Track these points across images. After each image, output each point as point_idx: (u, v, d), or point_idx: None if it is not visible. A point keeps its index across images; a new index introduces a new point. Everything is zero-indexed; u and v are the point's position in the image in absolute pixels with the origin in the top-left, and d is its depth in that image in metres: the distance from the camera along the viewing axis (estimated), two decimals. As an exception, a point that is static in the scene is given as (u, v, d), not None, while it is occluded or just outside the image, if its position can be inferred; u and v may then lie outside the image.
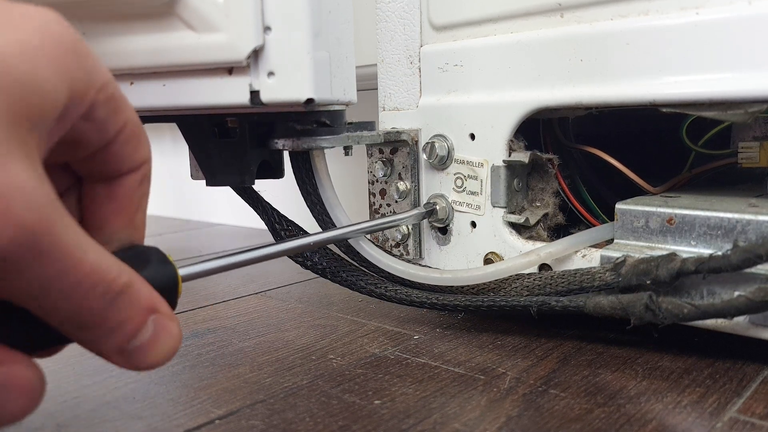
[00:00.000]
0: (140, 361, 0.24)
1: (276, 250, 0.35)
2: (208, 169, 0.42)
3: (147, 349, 0.24)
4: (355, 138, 0.42)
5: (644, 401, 0.33)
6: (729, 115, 0.35)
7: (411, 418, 0.32)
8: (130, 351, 0.24)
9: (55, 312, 0.21)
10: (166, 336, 0.25)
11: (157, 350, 0.24)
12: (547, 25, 0.41)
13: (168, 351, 0.25)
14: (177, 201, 1.15)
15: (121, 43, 0.38)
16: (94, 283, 0.21)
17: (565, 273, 0.40)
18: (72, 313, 0.21)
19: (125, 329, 0.23)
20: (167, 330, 0.25)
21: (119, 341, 0.23)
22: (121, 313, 0.23)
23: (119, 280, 0.22)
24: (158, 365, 0.25)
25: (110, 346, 0.23)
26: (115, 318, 0.22)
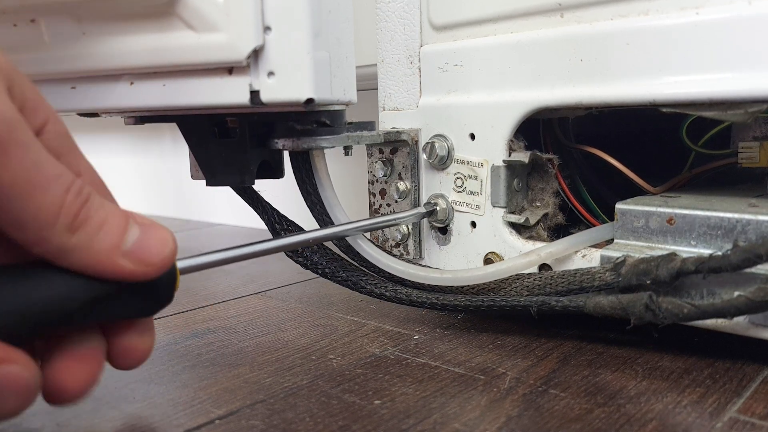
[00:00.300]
0: (148, 254, 0.25)
1: (274, 245, 0.35)
2: (208, 169, 0.42)
3: (145, 242, 0.25)
4: (355, 138, 0.42)
5: (644, 401, 0.33)
6: (729, 115, 0.35)
7: (411, 418, 0.32)
8: (131, 250, 0.24)
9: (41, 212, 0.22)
10: (154, 229, 0.25)
11: (155, 240, 0.25)
12: (547, 25, 0.41)
13: (166, 239, 0.25)
14: (177, 201, 1.15)
15: (121, 42, 0.38)
16: (67, 181, 0.23)
17: (565, 273, 0.40)
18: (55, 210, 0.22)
19: (111, 225, 0.24)
20: (152, 225, 0.25)
21: (111, 239, 0.24)
22: (99, 211, 0.24)
23: (84, 187, 0.24)
24: (167, 254, 0.25)
25: (108, 246, 0.24)
26: (97, 215, 0.23)
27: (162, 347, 0.44)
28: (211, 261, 0.31)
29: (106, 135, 1.23)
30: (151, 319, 0.28)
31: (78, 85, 0.41)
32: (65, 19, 0.39)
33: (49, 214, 0.22)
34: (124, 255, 0.24)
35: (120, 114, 0.43)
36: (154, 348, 0.29)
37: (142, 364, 0.29)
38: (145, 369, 0.40)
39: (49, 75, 0.40)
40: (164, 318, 0.51)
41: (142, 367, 0.40)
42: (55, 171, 0.22)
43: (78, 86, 0.41)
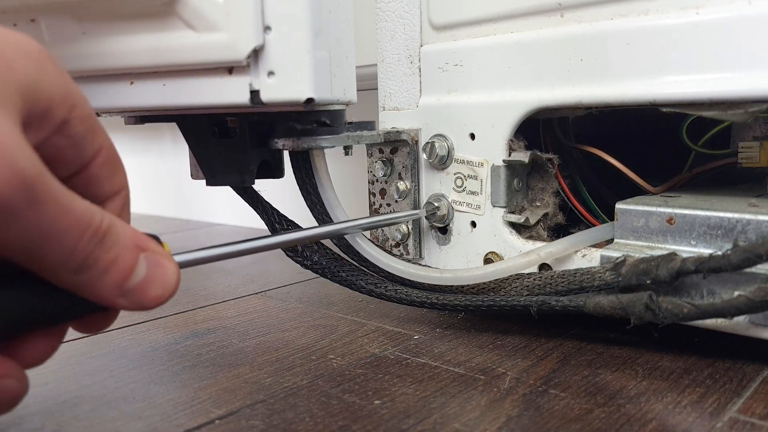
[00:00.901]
0: (144, 298, 0.25)
1: (273, 242, 0.35)
2: (208, 168, 0.42)
3: (147, 285, 0.25)
4: (355, 138, 0.42)
5: (644, 401, 0.33)
6: (729, 115, 0.35)
7: (411, 418, 0.32)
8: (130, 290, 0.25)
9: (48, 259, 0.22)
10: (162, 271, 0.26)
11: (157, 284, 0.25)
12: (547, 24, 0.41)
13: (169, 284, 0.26)
14: (177, 201, 1.15)
15: (121, 42, 0.38)
16: (83, 226, 0.23)
17: (565, 273, 0.40)
18: (66, 257, 0.22)
19: (118, 267, 0.24)
20: (161, 265, 0.26)
21: (116, 280, 0.24)
22: (110, 252, 0.24)
23: (103, 222, 0.24)
24: (163, 300, 0.25)
25: (110, 287, 0.24)
26: (106, 257, 0.24)
27: (162, 347, 0.44)
28: (209, 256, 0.31)
29: (106, 135, 1.23)
30: None
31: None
32: (65, 18, 0.39)
33: (60, 259, 0.22)
34: (123, 294, 0.24)
35: (120, 114, 0.43)
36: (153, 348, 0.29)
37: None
38: (145, 369, 0.40)
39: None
40: (164, 318, 0.51)
41: (142, 367, 0.40)
42: (74, 218, 0.22)
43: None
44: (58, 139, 0.24)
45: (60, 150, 0.24)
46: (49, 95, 0.23)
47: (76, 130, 0.24)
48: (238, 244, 0.33)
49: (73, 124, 0.24)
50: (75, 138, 0.24)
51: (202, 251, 0.31)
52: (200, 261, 0.30)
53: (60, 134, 0.24)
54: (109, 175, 0.27)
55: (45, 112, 0.23)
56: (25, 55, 0.22)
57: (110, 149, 0.26)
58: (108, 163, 0.26)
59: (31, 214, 0.21)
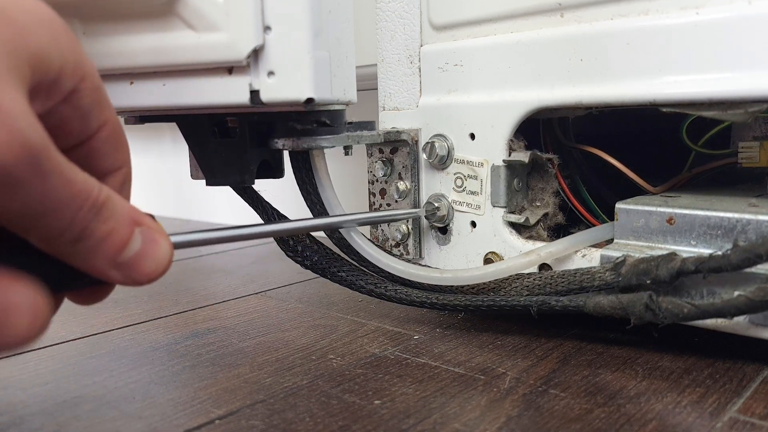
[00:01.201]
0: (137, 272, 0.25)
1: (268, 229, 0.36)
2: (208, 168, 0.42)
3: (140, 259, 0.25)
4: (355, 138, 0.42)
5: (644, 401, 0.33)
6: (729, 115, 0.35)
7: (411, 418, 0.32)
8: (125, 263, 0.25)
9: (47, 229, 0.22)
10: (156, 247, 0.26)
11: (150, 260, 0.25)
12: (547, 24, 0.41)
13: (161, 260, 0.26)
14: (177, 201, 1.15)
15: (121, 42, 0.38)
16: (83, 197, 0.23)
17: (565, 273, 0.40)
18: (64, 228, 0.22)
19: (114, 239, 0.24)
20: (156, 241, 0.26)
21: (111, 252, 0.24)
22: (106, 223, 0.24)
23: (101, 194, 0.24)
24: (155, 275, 0.26)
25: (104, 259, 0.24)
26: (102, 228, 0.24)
27: (162, 347, 0.44)
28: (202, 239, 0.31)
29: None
30: None
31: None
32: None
33: (57, 231, 0.22)
34: (117, 267, 0.25)
35: (120, 114, 0.43)
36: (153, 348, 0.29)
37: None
38: (145, 369, 0.40)
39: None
40: (164, 318, 0.51)
41: (142, 367, 0.40)
42: (74, 189, 0.22)
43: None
44: (65, 108, 0.24)
45: (65, 120, 0.24)
46: (60, 64, 0.23)
47: (84, 101, 0.24)
48: (232, 230, 0.33)
49: (82, 95, 0.24)
50: (82, 109, 0.24)
51: (195, 233, 0.31)
52: (193, 243, 0.31)
53: (67, 104, 0.24)
54: (112, 150, 0.26)
55: (54, 82, 0.23)
56: (38, 22, 0.22)
57: (115, 124, 0.26)
58: (112, 138, 0.26)
59: (35, 184, 0.21)
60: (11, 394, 0.37)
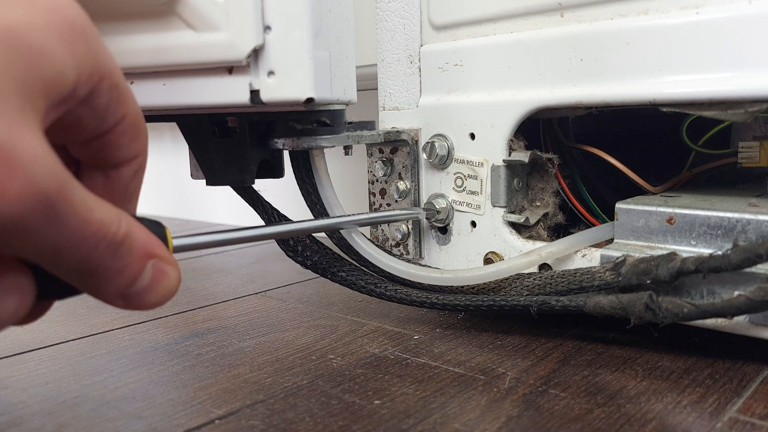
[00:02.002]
0: (140, 303, 0.25)
1: (269, 231, 0.36)
2: (208, 168, 0.42)
3: (146, 292, 0.25)
4: (355, 137, 0.42)
5: (644, 401, 0.33)
6: (729, 115, 0.35)
7: (411, 418, 0.32)
8: (130, 295, 0.24)
9: (61, 266, 0.22)
10: (164, 280, 0.25)
11: (155, 293, 0.25)
12: (548, 24, 0.41)
13: (165, 293, 0.26)
14: (177, 201, 1.15)
15: (121, 42, 0.38)
16: (100, 237, 0.22)
17: (565, 273, 0.40)
18: (78, 265, 0.22)
19: (126, 275, 0.24)
20: (165, 274, 0.26)
21: (120, 287, 0.24)
22: (122, 261, 0.23)
23: (120, 231, 0.23)
24: (158, 305, 0.26)
25: (112, 292, 0.24)
26: (117, 265, 0.23)
27: (162, 347, 0.44)
28: (205, 242, 0.31)
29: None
30: None
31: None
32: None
33: (68, 267, 0.22)
34: (122, 298, 0.24)
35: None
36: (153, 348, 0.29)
37: None
38: (145, 369, 0.40)
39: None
40: (164, 318, 0.51)
41: (142, 367, 0.40)
42: (91, 230, 0.22)
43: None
44: (82, 109, 0.23)
45: (81, 118, 0.24)
46: (76, 76, 0.22)
47: (102, 100, 0.24)
48: (232, 232, 0.33)
49: (99, 95, 0.23)
50: (98, 109, 0.24)
51: (197, 236, 0.31)
52: (195, 246, 0.31)
53: (84, 105, 0.23)
54: (128, 142, 0.26)
55: (70, 94, 0.22)
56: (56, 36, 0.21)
57: (135, 116, 0.26)
58: (130, 130, 0.26)
59: (48, 231, 0.20)
60: (11, 394, 0.37)
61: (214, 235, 0.32)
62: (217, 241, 0.32)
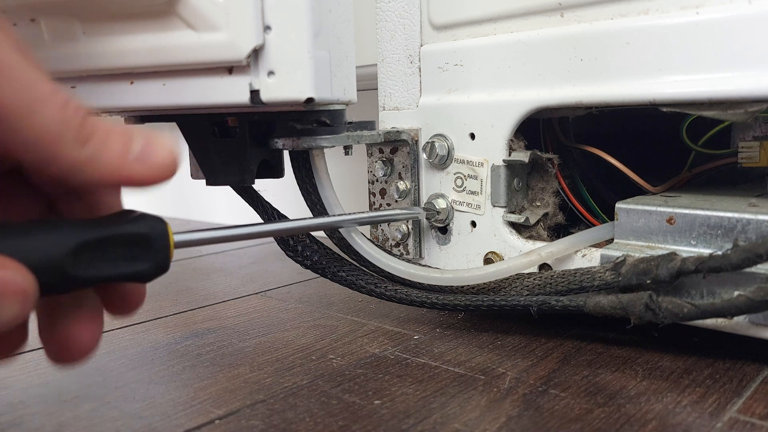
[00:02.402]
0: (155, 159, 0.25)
1: (269, 229, 0.36)
2: (208, 168, 0.42)
3: (150, 150, 0.25)
4: (355, 137, 0.42)
5: (644, 401, 0.33)
6: (729, 115, 0.35)
7: (411, 418, 0.32)
8: (140, 157, 0.25)
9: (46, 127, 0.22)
10: (156, 141, 0.25)
11: (159, 150, 0.25)
12: (548, 24, 0.41)
13: (168, 153, 0.25)
14: (177, 201, 1.15)
15: (121, 42, 0.38)
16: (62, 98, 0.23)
17: (565, 272, 0.40)
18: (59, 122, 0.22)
19: (117, 135, 0.24)
20: (152, 136, 0.26)
21: (120, 147, 0.24)
22: (101, 125, 0.24)
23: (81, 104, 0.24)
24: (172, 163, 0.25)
25: (117, 155, 0.24)
26: (100, 128, 0.24)
27: (162, 347, 0.44)
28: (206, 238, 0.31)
29: (106, 135, 1.23)
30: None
31: (78, 85, 0.41)
32: (65, 18, 0.39)
33: (54, 126, 0.22)
34: (136, 160, 0.24)
35: (120, 113, 0.43)
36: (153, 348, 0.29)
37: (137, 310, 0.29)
38: (145, 369, 0.40)
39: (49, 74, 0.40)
40: (164, 318, 0.51)
41: (142, 367, 0.40)
42: (50, 87, 0.23)
43: (78, 86, 0.41)
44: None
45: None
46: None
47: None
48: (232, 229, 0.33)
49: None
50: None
51: (196, 233, 0.31)
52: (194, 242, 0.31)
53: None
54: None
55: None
56: None
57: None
58: None
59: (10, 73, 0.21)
60: (11, 394, 0.37)
61: (214, 231, 0.32)
62: (217, 238, 0.32)
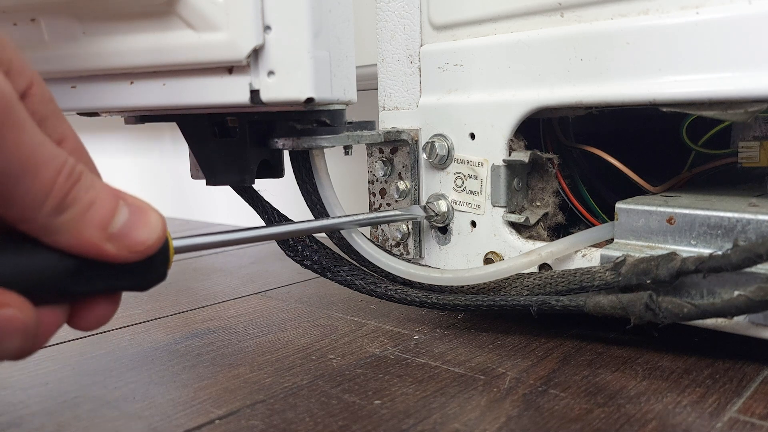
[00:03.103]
0: (132, 241, 0.24)
1: (269, 232, 0.36)
2: (208, 168, 0.42)
3: (132, 228, 0.24)
4: (355, 137, 0.42)
5: (644, 401, 0.33)
6: (729, 115, 0.35)
7: (411, 418, 0.32)
8: (117, 234, 0.24)
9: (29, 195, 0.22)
10: (145, 215, 0.25)
11: (142, 228, 0.25)
12: (548, 24, 0.41)
13: (154, 226, 0.25)
14: (177, 201, 1.15)
15: (121, 42, 0.38)
16: (59, 163, 0.22)
17: (565, 272, 0.40)
18: (46, 191, 0.22)
19: (99, 207, 0.23)
20: (143, 210, 0.25)
21: (99, 219, 0.23)
22: (89, 192, 0.23)
23: (77, 165, 0.23)
24: (152, 243, 0.25)
25: (94, 228, 0.23)
26: (85, 196, 0.23)
27: (162, 347, 0.44)
28: (206, 242, 0.31)
29: (106, 135, 1.23)
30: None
31: (78, 85, 0.41)
32: (65, 18, 0.39)
33: (38, 196, 0.22)
34: (110, 239, 0.24)
35: (120, 113, 0.43)
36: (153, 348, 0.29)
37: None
38: (145, 369, 0.40)
39: (49, 74, 0.40)
40: (164, 318, 0.51)
41: (142, 367, 0.40)
42: (49, 152, 0.22)
43: (78, 85, 0.41)
44: None
45: None
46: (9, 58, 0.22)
47: (37, 107, 0.24)
48: (232, 233, 0.33)
49: (33, 101, 0.23)
50: (36, 117, 0.23)
51: (196, 238, 0.31)
52: (194, 247, 0.30)
53: None
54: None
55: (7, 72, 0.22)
56: None
57: (76, 141, 0.26)
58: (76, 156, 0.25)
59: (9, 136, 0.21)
60: (11, 394, 0.37)
61: (214, 236, 0.32)
62: (217, 242, 0.32)
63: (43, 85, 0.24)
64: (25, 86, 0.23)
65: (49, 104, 0.24)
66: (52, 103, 0.24)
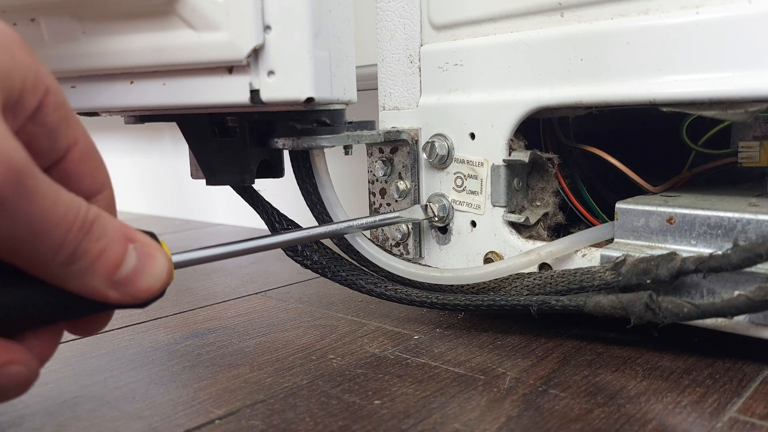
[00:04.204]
0: (136, 289, 0.25)
1: (272, 242, 0.35)
2: (208, 168, 0.42)
3: (137, 276, 0.25)
4: (355, 137, 0.42)
5: (644, 401, 0.33)
6: (729, 115, 0.35)
7: (411, 418, 0.32)
8: (121, 282, 0.24)
9: (37, 254, 0.22)
10: (153, 261, 0.25)
11: (148, 275, 0.25)
12: (548, 24, 0.41)
13: (160, 274, 0.25)
14: (177, 201, 1.15)
15: (121, 41, 0.38)
16: (71, 218, 0.22)
17: (565, 272, 0.40)
18: (54, 250, 0.22)
19: (108, 257, 0.24)
20: (152, 256, 0.25)
21: (106, 270, 0.24)
22: (99, 242, 0.23)
23: (89, 213, 0.23)
24: (155, 290, 0.25)
25: (100, 278, 0.24)
26: (95, 248, 0.23)
27: (162, 347, 0.44)
28: (208, 256, 0.31)
29: (106, 135, 1.23)
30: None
31: (78, 84, 0.41)
32: (65, 18, 0.39)
33: (47, 254, 0.22)
34: (114, 286, 0.24)
35: (120, 113, 0.43)
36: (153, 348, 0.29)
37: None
38: (145, 369, 0.40)
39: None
40: (164, 318, 0.51)
41: (142, 367, 0.40)
42: (62, 211, 0.22)
43: (78, 85, 0.41)
44: (32, 127, 0.23)
45: (33, 138, 0.24)
46: (22, 81, 0.22)
47: (50, 117, 0.24)
48: (237, 244, 0.33)
49: (47, 111, 0.23)
50: (48, 126, 0.24)
51: (200, 251, 0.31)
52: (198, 261, 0.30)
53: (33, 122, 0.23)
54: (89, 172, 0.26)
55: (18, 99, 0.22)
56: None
57: (87, 144, 0.26)
58: (85, 159, 0.25)
59: (20, 206, 0.21)
60: (11, 394, 0.37)
61: (214, 249, 0.31)
62: (217, 255, 0.32)
63: (58, 90, 0.24)
64: (41, 96, 0.23)
65: (61, 110, 0.24)
66: (65, 107, 0.25)
